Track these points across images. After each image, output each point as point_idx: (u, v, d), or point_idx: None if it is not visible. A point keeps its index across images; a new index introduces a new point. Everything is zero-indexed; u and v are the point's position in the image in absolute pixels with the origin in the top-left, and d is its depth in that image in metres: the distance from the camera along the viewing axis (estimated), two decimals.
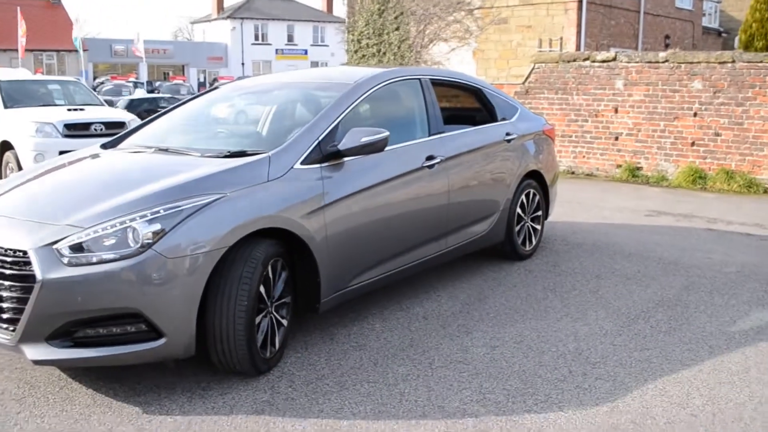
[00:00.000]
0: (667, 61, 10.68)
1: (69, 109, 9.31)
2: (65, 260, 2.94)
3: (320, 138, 3.76)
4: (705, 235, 6.98)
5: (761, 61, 9.77)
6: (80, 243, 2.97)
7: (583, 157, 11.69)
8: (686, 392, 3.33)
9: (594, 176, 11.44)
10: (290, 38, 54.20)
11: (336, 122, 3.88)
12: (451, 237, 4.79)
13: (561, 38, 16.42)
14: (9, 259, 3.01)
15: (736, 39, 20.22)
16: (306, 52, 54.49)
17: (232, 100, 4.91)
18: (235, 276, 3.17)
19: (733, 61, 10.01)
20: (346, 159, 3.83)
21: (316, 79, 4.89)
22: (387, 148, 3.94)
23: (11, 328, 3.02)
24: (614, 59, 11.24)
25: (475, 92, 5.41)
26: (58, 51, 40.87)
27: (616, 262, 5.77)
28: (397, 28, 18.59)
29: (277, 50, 53.17)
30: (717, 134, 10.32)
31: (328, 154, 3.75)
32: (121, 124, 9.35)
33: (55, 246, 2.97)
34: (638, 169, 11.18)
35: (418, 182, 4.38)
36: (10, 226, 3.14)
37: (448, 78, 5.16)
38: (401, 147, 4.29)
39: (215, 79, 49.25)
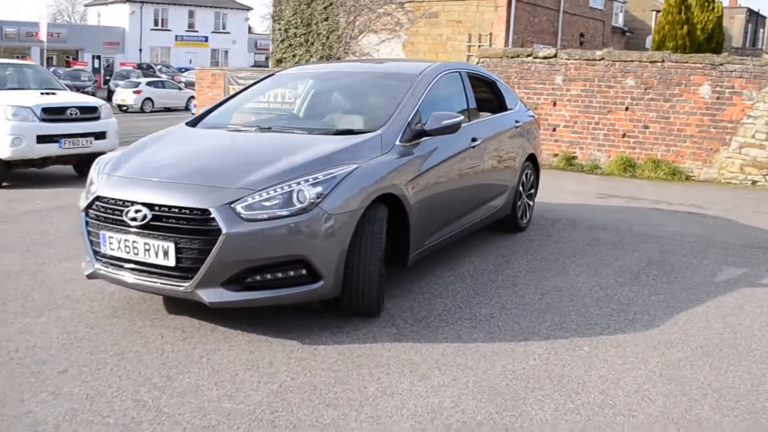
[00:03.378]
0: (603, 59, 12.12)
1: (42, 93, 9.49)
2: (243, 216, 3.65)
3: (409, 120, 4.61)
4: (655, 213, 8.33)
5: (687, 62, 11.37)
6: (254, 202, 3.69)
7: None
8: (706, 321, 4.45)
9: None
10: (191, 25, 53.35)
11: (418, 106, 4.76)
12: (481, 209, 5.75)
13: (490, 33, 17.77)
14: (192, 217, 3.68)
15: (648, 38, 22.41)
16: (207, 39, 53.83)
17: (301, 86, 5.66)
18: (369, 232, 3.98)
19: (663, 61, 11.56)
20: (425, 138, 4.70)
21: (376, 69, 5.74)
22: None
23: (189, 276, 3.70)
24: (555, 56, 12.57)
25: (490, 84, 6.40)
26: None
27: (597, 233, 6.94)
28: (326, 19, 19.32)
29: (176, 36, 52.21)
30: (646, 127, 11.87)
31: (416, 133, 4.61)
32: (94, 109, 9.64)
33: (232, 205, 3.67)
34: (573, 158, 12.59)
35: (466, 160, 5.31)
36: (183, 190, 3.80)
37: (473, 71, 6.11)
38: None
39: (110, 65, 47.76)
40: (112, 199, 3.94)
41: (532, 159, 6.88)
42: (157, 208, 3.75)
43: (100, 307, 4.34)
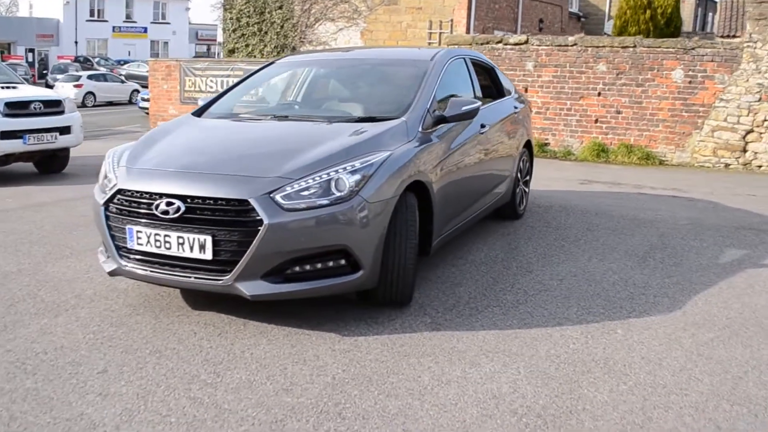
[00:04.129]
0: (575, 44, 12.36)
1: (2, 87, 9.19)
2: (283, 206, 3.64)
3: (428, 106, 4.65)
4: (641, 197, 8.57)
5: (659, 47, 11.69)
6: (292, 192, 3.68)
7: None
8: (724, 302, 4.62)
9: None
10: (128, 15, 52.07)
11: (435, 93, 4.79)
12: (488, 196, 5.84)
13: (452, 20, 17.89)
14: (230, 208, 3.65)
15: (609, 23, 22.78)
16: (146, 30, 52.65)
17: (306, 74, 5.62)
18: (402, 220, 4.01)
19: (635, 46, 11.86)
20: (442, 125, 4.75)
21: (382, 56, 5.76)
22: None
23: (227, 269, 3.67)
24: (526, 42, 12.76)
25: (489, 70, 6.47)
26: None
27: (592, 219, 7.11)
28: (280, 7, 19.12)
29: (114, 28, 50.89)
30: (618, 112, 12.18)
31: (436, 119, 4.65)
32: (58, 103, 9.42)
33: (271, 195, 3.65)
34: (546, 144, 12.83)
35: (476, 147, 5.38)
36: (218, 181, 3.75)
37: (475, 57, 6.18)
38: None
39: (43, 58, 46.23)
40: (137, 191, 3.87)
41: (528, 145, 7.00)
42: (189, 200, 3.70)
43: (119, 305, 4.27)
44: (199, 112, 5.09)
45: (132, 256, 3.91)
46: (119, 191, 3.95)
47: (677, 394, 3.28)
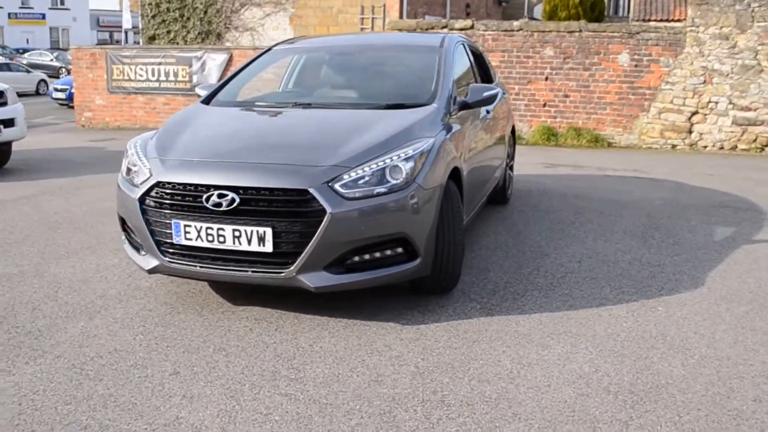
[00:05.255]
0: (521, 29, 12.63)
1: None
2: (344, 195, 3.60)
3: (451, 93, 4.69)
4: (608, 179, 8.89)
5: (604, 31, 12.10)
6: (350, 180, 3.65)
7: None
8: (738, 277, 4.88)
9: None
10: (24, 1, 49.41)
11: (453, 79, 4.84)
12: (491, 181, 5.94)
13: (384, 5, 17.92)
14: (289, 198, 3.58)
15: (537, 8, 23.32)
16: (44, 16, 50.17)
17: (313, 61, 5.54)
18: (449, 206, 4.05)
19: (580, 31, 12.23)
20: (465, 111, 4.80)
21: (390, 42, 5.75)
22: None
23: (289, 262, 3.61)
24: (472, 27, 12.94)
25: (479, 56, 6.56)
26: None
27: (575, 202, 7.34)
28: None
29: (10, 14, 48.22)
30: (566, 96, 12.55)
31: (460, 105, 4.70)
32: (0, 94, 8.93)
33: (330, 184, 3.61)
34: None
35: (486, 132, 5.47)
36: (271, 171, 3.67)
37: (469, 43, 6.24)
38: None
39: None
40: (181, 184, 3.75)
41: (513, 130, 7.15)
42: (242, 191, 3.61)
43: (154, 304, 4.13)
44: (206, 102, 4.94)
45: (177, 252, 3.79)
46: (158, 184, 3.81)
47: (743, 365, 3.46)
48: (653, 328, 3.89)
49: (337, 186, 3.62)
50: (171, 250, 3.80)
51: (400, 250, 3.79)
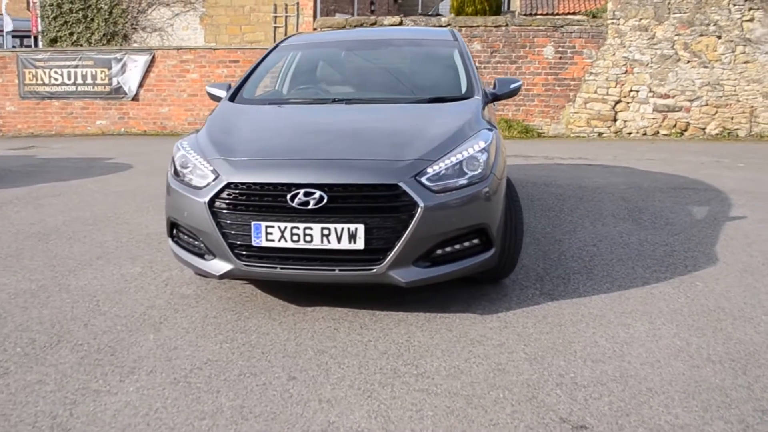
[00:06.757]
0: (449, 25, 12.87)
1: None
2: (431, 188, 3.60)
3: (482, 85, 4.76)
4: (564, 167, 9.25)
5: (530, 25, 12.54)
6: (434, 174, 3.64)
7: None
8: (744, 250, 5.23)
9: None
10: None
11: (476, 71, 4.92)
12: None
13: (298, 3, 17.76)
14: (379, 194, 3.53)
15: (442, 4, 23.68)
16: None
17: (328, 57, 5.44)
18: (510, 195, 4.12)
19: (507, 25, 12.62)
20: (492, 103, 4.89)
21: (397, 36, 5.72)
22: None
23: (379, 258, 3.56)
24: (400, 24, 13.07)
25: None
26: None
27: (549, 190, 7.60)
28: None
29: None
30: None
31: (492, 97, 4.78)
32: None
33: (417, 178, 3.60)
34: None
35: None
36: (356, 167, 3.60)
37: None
38: None
39: None
40: (256, 184, 3.62)
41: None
42: (327, 188, 3.53)
43: (216, 311, 3.97)
44: (233, 99, 4.78)
45: (254, 254, 3.65)
46: (229, 185, 3.66)
47: None
48: (706, 302, 4.11)
49: (423, 180, 3.61)
50: (246, 253, 3.66)
51: (476, 241, 3.82)
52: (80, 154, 11.01)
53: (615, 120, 12.36)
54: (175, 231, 4.03)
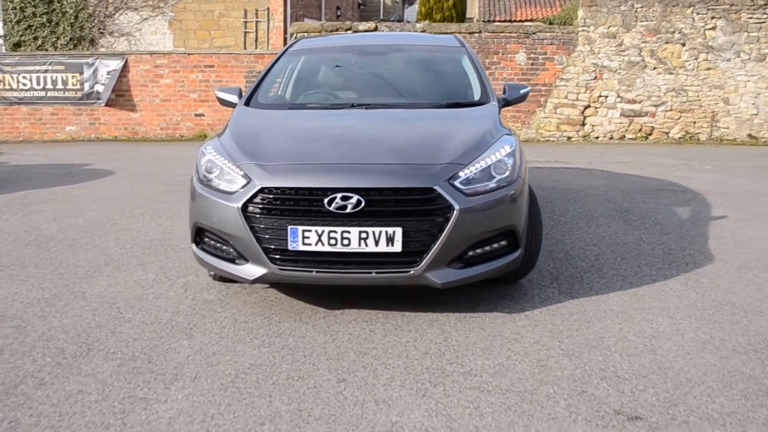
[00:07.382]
0: (424, 31, 12.97)
1: None
2: (464, 192, 3.66)
3: (492, 90, 4.85)
4: (544, 170, 9.42)
5: (503, 32, 12.73)
6: (466, 177, 3.71)
7: None
8: (735, 247, 5.42)
9: None
10: None
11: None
12: None
13: (268, 8, 17.70)
14: (415, 198, 3.58)
15: (410, 9, 23.85)
16: None
17: (337, 62, 5.45)
18: (531, 197, 4.21)
19: (480, 32, 12.79)
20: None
21: (402, 42, 5.77)
22: None
23: (416, 260, 3.60)
24: (375, 29, 13.13)
25: None
26: None
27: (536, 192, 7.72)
28: None
29: None
30: None
31: (504, 103, 4.87)
32: None
33: (451, 181, 3.65)
34: None
35: None
36: (391, 171, 3.65)
37: None
38: None
39: None
40: (291, 188, 3.63)
41: None
42: (364, 192, 3.56)
43: (243, 316, 3.95)
44: (247, 104, 4.78)
45: (289, 258, 3.66)
46: (262, 190, 3.66)
47: None
48: (717, 297, 4.26)
49: (456, 183, 3.67)
50: (281, 257, 3.67)
51: (504, 242, 3.90)
52: (55, 161, 10.77)
53: (584, 124, 12.62)
54: (199, 237, 4.01)
